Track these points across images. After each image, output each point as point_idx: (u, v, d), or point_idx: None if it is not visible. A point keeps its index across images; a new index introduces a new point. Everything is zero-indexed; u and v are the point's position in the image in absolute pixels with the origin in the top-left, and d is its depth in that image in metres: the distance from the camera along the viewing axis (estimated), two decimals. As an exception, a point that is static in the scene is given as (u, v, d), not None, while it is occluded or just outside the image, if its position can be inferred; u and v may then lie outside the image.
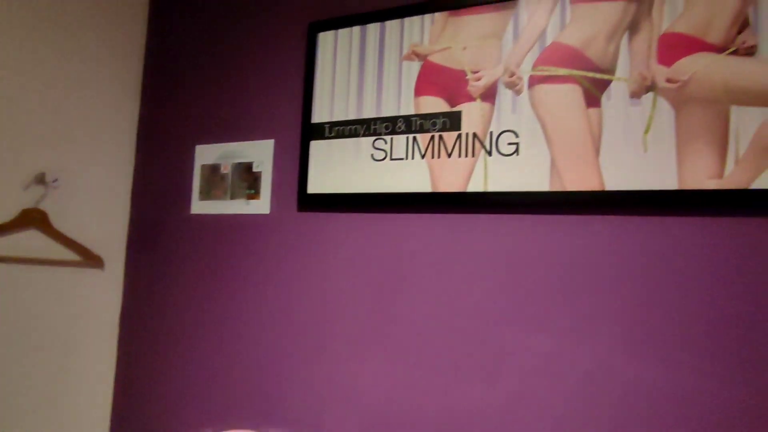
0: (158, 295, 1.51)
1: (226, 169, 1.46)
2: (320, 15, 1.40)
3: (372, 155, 1.27)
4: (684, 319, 0.98)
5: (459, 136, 1.19)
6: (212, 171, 1.48)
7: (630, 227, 1.03)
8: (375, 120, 1.28)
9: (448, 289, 1.17)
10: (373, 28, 1.32)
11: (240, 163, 1.44)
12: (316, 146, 1.34)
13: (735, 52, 0.98)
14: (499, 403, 1.09)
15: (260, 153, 1.42)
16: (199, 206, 1.49)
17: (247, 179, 1.42)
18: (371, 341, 1.22)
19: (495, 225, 1.14)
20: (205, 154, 1.50)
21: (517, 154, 1.13)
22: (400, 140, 1.24)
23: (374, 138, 1.27)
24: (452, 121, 1.20)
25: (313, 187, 1.32)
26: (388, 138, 1.25)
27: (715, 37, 1.00)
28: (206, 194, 1.48)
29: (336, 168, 1.30)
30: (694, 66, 1.01)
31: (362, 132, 1.29)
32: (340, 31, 1.35)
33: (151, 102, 1.62)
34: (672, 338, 0.98)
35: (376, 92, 1.29)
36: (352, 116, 1.31)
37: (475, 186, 1.15)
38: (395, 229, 1.24)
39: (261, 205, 1.40)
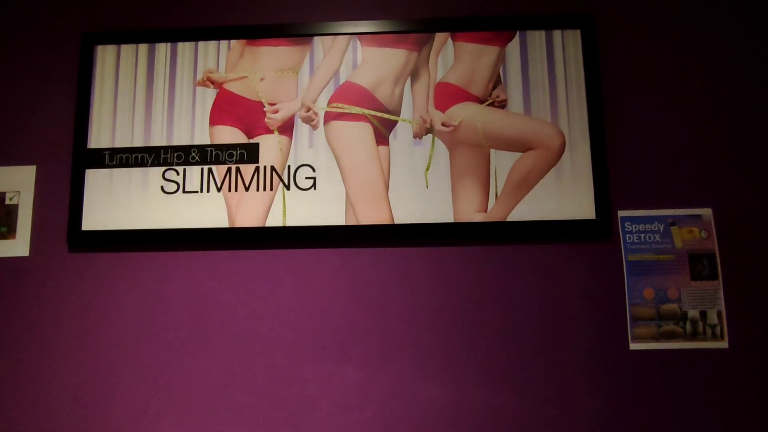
0: None
1: (-32, 201, 1.18)
2: (100, 26, 1.24)
3: (162, 187, 1.15)
4: (467, 337, 1.10)
5: (257, 169, 1.16)
6: (-52, 203, 1.18)
7: (416, 257, 1.12)
8: (166, 149, 1.17)
9: (250, 327, 1.12)
10: (163, 47, 1.21)
11: (-11, 194, 1.17)
12: (93, 175, 1.16)
13: (492, 104, 1.16)
14: (304, 440, 1.08)
15: (16, 181, 1.18)
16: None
17: None
18: (163, 400, 1.09)
19: (295, 259, 1.13)
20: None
21: (315, 189, 1.14)
22: (194, 171, 1.16)
23: (165, 168, 1.16)
24: (249, 154, 1.16)
25: (90, 223, 1.14)
26: (180, 169, 1.16)
27: (477, 89, 1.16)
28: (-61, 233, 1.17)
29: (119, 201, 1.15)
30: (462, 113, 1.16)
31: (150, 161, 1.16)
32: (124, 46, 1.21)
33: None
34: (458, 357, 1.09)
35: (166, 118, 1.18)
36: (138, 143, 1.17)
37: (274, 220, 1.13)
38: (192, 268, 1.14)
39: (16, 246, 1.15)
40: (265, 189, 1.15)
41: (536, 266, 1.11)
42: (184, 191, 1.15)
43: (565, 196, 1.11)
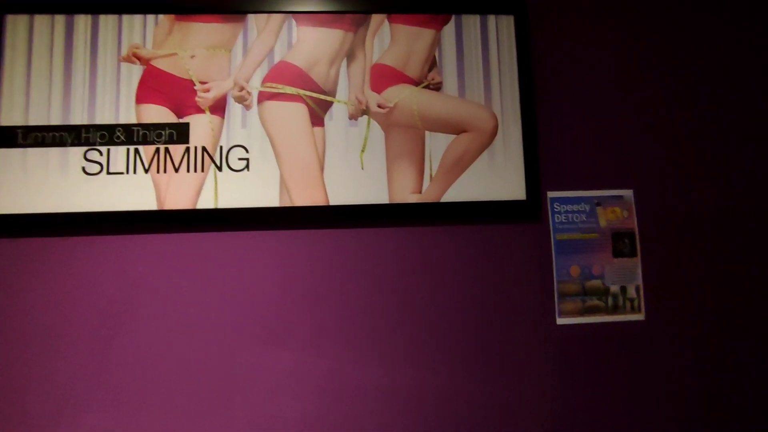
0: None
1: None
2: (12, -5, 1.15)
3: (84, 168, 1.09)
4: (401, 318, 1.11)
5: (187, 149, 1.11)
6: None
7: (351, 239, 1.12)
8: (87, 127, 1.10)
9: (181, 313, 1.09)
10: (83, 20, 1.14)
11: None
12: (4, 155, 1.08)
13: (427, 86, 1.17)
14: (240, 430, 1.06)
15: None
16: None
17: None
18: (87, 389, 1.05)
19: (227, 242, 1.11)
20: None
21: (248, 170, 1.12)
22: (119, 152, 1.10)
23: (87, 148, 1.10)
24: (179, 134, 1.12)
25: (3, 206, 1.07)
26: (104, 149, 1.10)
27: (412, 72, 1.17)
28: None
29: (35, 183, 1.08)
30: (398, 95, 1.16)
31: (71, 141, 1.10)
32: (38, 17, 1.13)
33: None
34: (392, 338, 1.11)
35: (87, 95, 1.12)
36: (56, 121, 1.10)
37: (206, 203, 1.10)
38: (118, 253, 1.09)
39: None
40: (195, 170, 1.11)
41: (469, 246, 1.14)
42: (108, 172, 1.09)
43: (497, 177, 1.14)
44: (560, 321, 1.14)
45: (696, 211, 1.20)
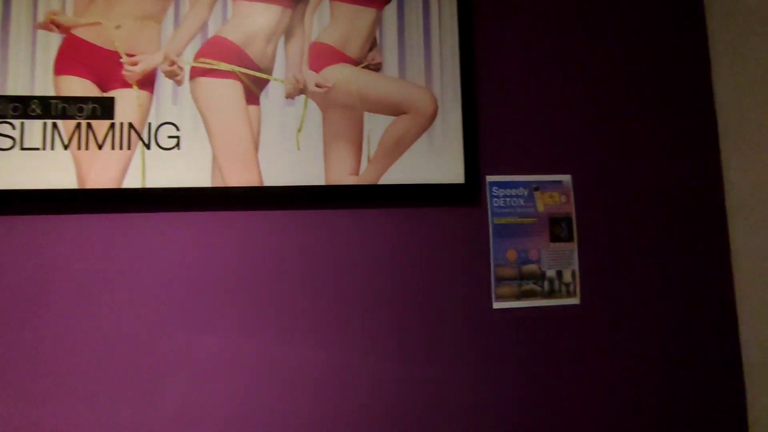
0: None
1: None
2: None
3: (-4, 143, 1.02)
4: (337, 301, 1.09)
5: (112, 125, 1.05)
6: None
7: (286, 221, 1.09)
8: None
9: (104, 297, 1.03)
10: (-3, -16, 1.06)
11: None
12: None
13: (367, 67, 1.15)
14: (164, 417, 1.02)
15: None
16: None
17: None
18: None
19: (155, 223, 1.06)
20: None
21: (179, 148, 1.07)
22: (34, 126, 1.03)
23: (-1, 122, 1.03)
24: (104, 108, 1.06)
25: None
26: (17, 122, 1.02)
27: (352, 51, 1.14)
28: None
29: (-60, 158, 1.00)
30: (337, 75, 1.13)
31: (-19, 113, 1.02)
32: (-55, -21, 1.04)
33: None
34: (328, 321, 1.09)
35: None
36: (-35, 92, 1.02)
37: (132, 182, 1.04)
38: (35, 234, 1.03)
39: None
40: (121, 148, 1.05)
41: (407, 229, 1.13)
42: (21, 148, 1.02)
43: (436, 160, 1.14)
44: (497, 305, 1.14)
45: (632, 198, 1.23)
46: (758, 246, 1.19)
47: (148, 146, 1.06)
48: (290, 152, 1.09)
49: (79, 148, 1.03)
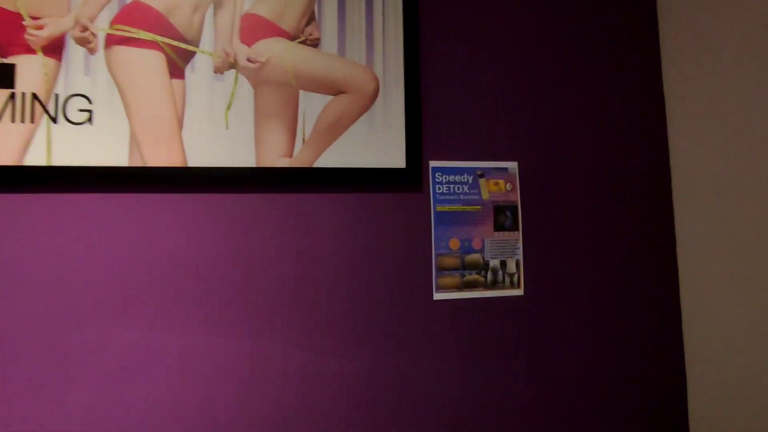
0: None
1: None
2: None
3: None
4: (267, 289, 1.02)
5: (12, 95, 0.94)
6: None
7: (213, 205, 1.01)
8: None
9: (3, 288, 0.92)
10: None
11: None
12: None
13: (304, 42, 1.07)
14: (76, 414, 0.93)
15: None
16: None
17: None
18: None
19: (63, 205, 0.95)
20: None
21: (91, 123, 0.97)
22: None
23: None
24: (2, 76, 0.94)
25: None
26: None
27: (288, 25, 1.07)
28: None
29: None
30: (270, 49, 1.05)
31: None
32: None
33: None
34: (258, 311, 1.01)
35: None
36: None
37: (36, 159, 0.94)
38: None
39: None
40: (23, 121, 0.94)
41: (343, 215, 1.07)
42: None
43: (376, 143, 1.08)
44: (437, 296, 1.10)
45: (579, 186, 1.21)
46: (703, 234, 1.19)
47: (54, 120, 0.95)
48: (218, 131, 1.01)
49: (-27, 119, 0.92)
